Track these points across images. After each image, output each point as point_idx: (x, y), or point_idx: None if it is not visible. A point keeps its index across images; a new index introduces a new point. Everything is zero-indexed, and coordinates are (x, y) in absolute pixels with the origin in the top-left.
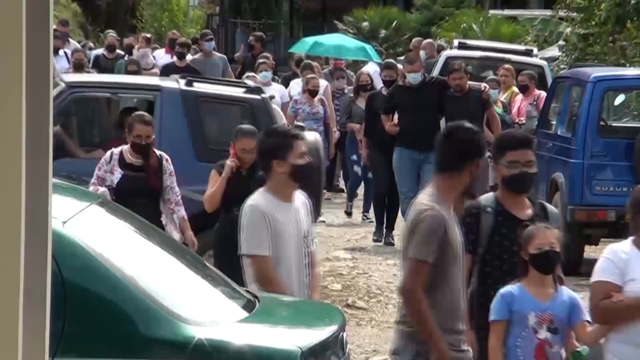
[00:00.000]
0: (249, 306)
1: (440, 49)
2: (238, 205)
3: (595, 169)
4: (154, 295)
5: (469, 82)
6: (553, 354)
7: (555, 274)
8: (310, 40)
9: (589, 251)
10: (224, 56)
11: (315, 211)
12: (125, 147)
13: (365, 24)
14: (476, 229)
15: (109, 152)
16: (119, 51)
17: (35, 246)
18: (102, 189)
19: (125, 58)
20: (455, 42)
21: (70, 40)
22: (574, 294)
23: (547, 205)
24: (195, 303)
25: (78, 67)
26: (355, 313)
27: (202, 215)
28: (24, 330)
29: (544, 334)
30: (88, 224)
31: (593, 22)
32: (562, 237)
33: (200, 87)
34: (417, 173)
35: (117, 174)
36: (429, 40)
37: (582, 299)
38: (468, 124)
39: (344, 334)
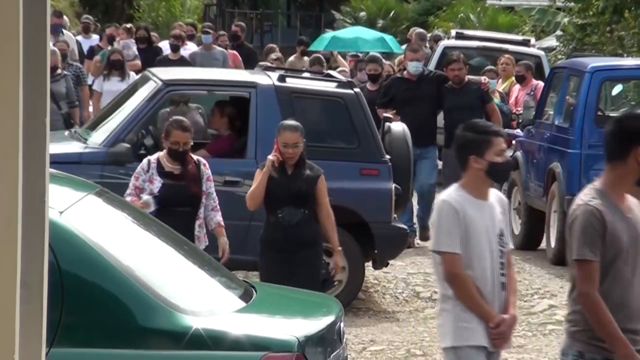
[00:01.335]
0: (246, 296)
1: (438, 39)
2: (283, 207)
3: (592, 159)
4: (151, 285)
5: (468, 76)
6: None
7: None
8: (327, 35)
9: None
10: (225, 50)
11: (404, 202)
12: (162, 154)
13: (362, 13)
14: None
15: (145, 160)
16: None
17: (33, 236)
18: (145, 197)
19: (108, 48)
20: (453, 32)
21: (64, 31)
22: None
23: None
24: (193, 293)
25: (62, 57)
26: (352, 303)
27: None
28: (22, 320)
29: None
30: (85, 213)
31: (591, 12)
32: None
33: (293, 82)
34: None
35: (157, 182)
36: (419, 31)
37: None
38: (637, 111)
39: (342, 324)
